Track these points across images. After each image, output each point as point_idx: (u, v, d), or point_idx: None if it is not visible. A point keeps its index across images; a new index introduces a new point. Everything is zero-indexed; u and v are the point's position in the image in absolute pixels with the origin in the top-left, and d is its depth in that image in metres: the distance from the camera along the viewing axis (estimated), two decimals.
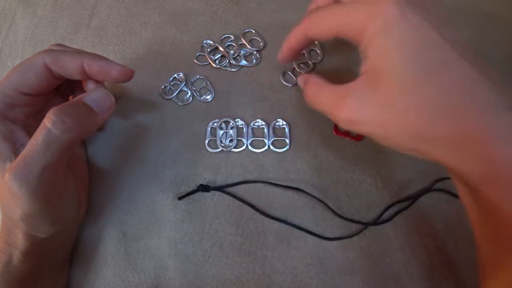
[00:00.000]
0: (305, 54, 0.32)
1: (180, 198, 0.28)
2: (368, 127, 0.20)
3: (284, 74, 0.31)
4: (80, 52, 0.25)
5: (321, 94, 0.23)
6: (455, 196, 0.27)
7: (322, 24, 0.22)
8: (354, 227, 0.27)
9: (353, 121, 0.20)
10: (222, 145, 0.29)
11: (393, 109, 0.19)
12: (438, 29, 0.18)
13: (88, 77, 0.26)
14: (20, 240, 0.24)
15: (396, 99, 0.19)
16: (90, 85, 0.26)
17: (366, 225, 0.27)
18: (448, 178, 0.27)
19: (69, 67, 0.24)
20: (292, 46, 0.26)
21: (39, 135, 0.21)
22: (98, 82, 0.26)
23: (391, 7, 0.19)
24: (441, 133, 0.18)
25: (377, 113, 0.19)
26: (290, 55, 0.27)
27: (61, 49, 0.25)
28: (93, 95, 0.24)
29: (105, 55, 0.26)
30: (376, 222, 0.27)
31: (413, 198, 0.27)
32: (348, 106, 0.21)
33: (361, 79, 0.20)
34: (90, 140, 0.31)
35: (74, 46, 0.28)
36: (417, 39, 0.18)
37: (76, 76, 0.25)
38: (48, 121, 0.21)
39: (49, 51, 0.24)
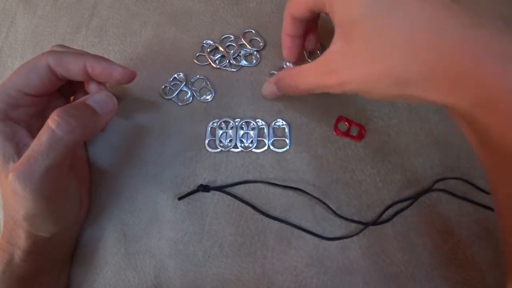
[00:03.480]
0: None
1: (180, 198, 0.28)
2: (355, 84, 0.20)
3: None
4: (82, 54, 0.25)
5: (304, 75, 0.23)
6: (455, 196, 0.27)
7: (297, 1, 0.23)
8: (354, 227, 0.27)
9: (344, 83, 0.20)
10: (222, 145, 0.29)
11: (367, 59, 0.19)
12: None
13: (91, 79, 0.26)
14: (22, 240, 0.24)
15: (367, 47, 0.19)
16: (92, 87, 0.26)
17: (366, 225, 0.27)
18: (448, 178, 0.27)
19: (72, 69, 0.24)
20: (288, 32, 0.26)
21: (43, 136, 0.21)
22: (100, 83, 0.26)
23: None
24: (416, 72, 0.17)
25: (358, 67, 0.19)
26: (292, 45, 0.27)
27: (64, 50, 0.25)
28: (96, 97, 0.24)
29: (105, 55, 0.26)
30: (376, 222, 0.27)
31: (413, 198, 0.27)
32: (334, 70, 0.20)
33: (334, 39, 0.21)
34: (91, 140, 0.31)
35: (74, 46, 0.28)
36: None
37: (79, 77, 0.25)
38: (52, 122, 0.21)
39: (52, 52, 0.24)
